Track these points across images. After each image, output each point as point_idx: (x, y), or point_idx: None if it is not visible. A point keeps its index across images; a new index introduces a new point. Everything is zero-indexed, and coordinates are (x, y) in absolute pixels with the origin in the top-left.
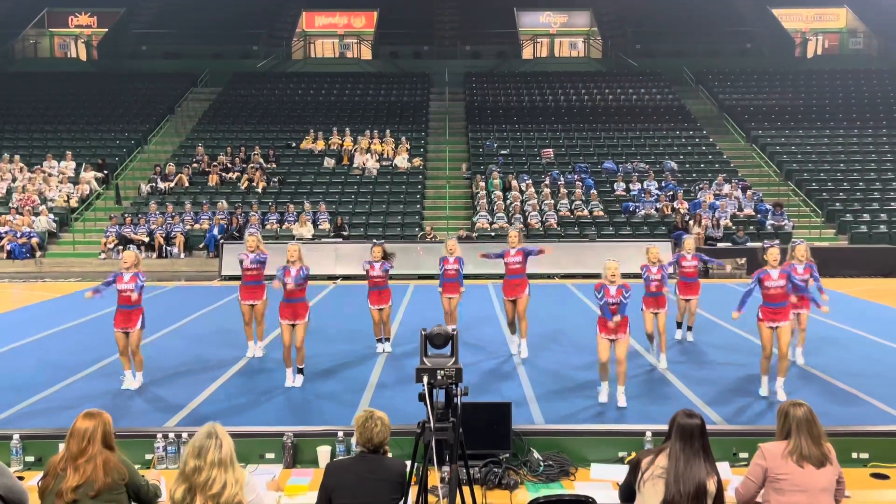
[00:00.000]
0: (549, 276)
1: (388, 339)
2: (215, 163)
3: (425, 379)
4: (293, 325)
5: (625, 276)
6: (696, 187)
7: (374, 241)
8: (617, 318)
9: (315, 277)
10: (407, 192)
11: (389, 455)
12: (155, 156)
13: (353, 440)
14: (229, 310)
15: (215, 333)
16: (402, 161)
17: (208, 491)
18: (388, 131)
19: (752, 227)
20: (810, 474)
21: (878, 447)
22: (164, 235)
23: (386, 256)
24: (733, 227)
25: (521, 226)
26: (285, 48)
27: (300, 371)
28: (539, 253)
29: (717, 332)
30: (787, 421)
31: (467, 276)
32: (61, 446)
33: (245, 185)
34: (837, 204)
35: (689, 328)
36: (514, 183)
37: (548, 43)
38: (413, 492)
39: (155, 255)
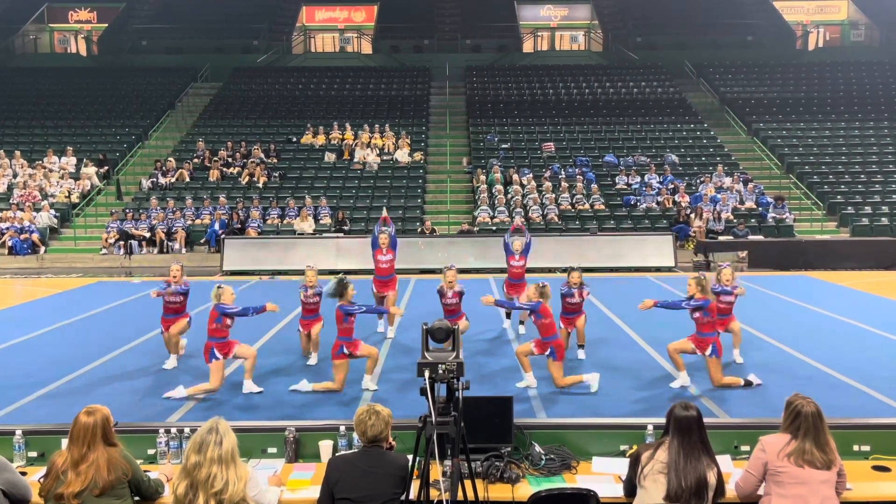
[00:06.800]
0: (550, 270)
1: None
2: (216, 158)
3: (427, 373)
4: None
5: (624, 269)
6: (698, 180)
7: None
8: None
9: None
10: (408, 187)
11: (394, 449)
12: (156, 151)
13: (355, 434)
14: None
15: None
16: (402, 155)
17: (210, 489)
18: (388, 126)
19: (753, 221)
20: (811, 470)
21: (879, 439)
22: (165, 231)
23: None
24: (734, 221)
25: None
26: (285, 43)
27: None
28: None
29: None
30: (796, 419)
31: (467, 270)
32: (64, 441)
33: (246, 180)
34: (839, 196)
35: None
36: (516, 177)
37: (548, 36)
38: (415, 486)
39: (156, 250)
